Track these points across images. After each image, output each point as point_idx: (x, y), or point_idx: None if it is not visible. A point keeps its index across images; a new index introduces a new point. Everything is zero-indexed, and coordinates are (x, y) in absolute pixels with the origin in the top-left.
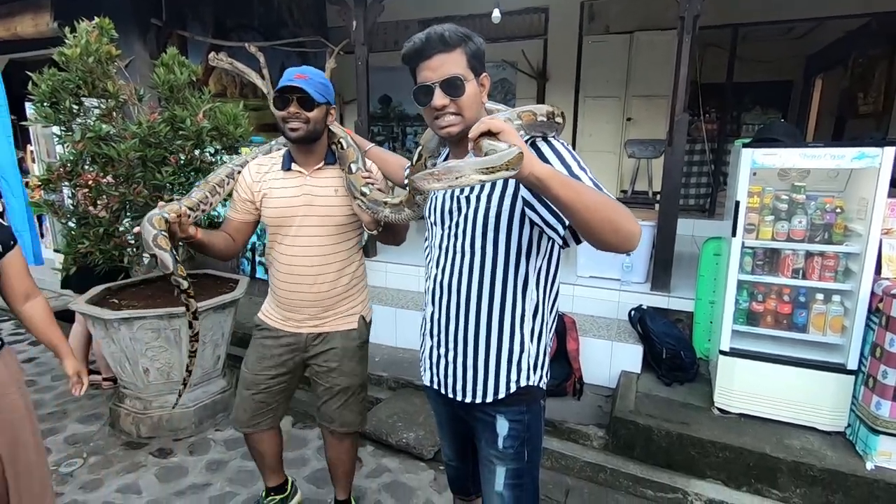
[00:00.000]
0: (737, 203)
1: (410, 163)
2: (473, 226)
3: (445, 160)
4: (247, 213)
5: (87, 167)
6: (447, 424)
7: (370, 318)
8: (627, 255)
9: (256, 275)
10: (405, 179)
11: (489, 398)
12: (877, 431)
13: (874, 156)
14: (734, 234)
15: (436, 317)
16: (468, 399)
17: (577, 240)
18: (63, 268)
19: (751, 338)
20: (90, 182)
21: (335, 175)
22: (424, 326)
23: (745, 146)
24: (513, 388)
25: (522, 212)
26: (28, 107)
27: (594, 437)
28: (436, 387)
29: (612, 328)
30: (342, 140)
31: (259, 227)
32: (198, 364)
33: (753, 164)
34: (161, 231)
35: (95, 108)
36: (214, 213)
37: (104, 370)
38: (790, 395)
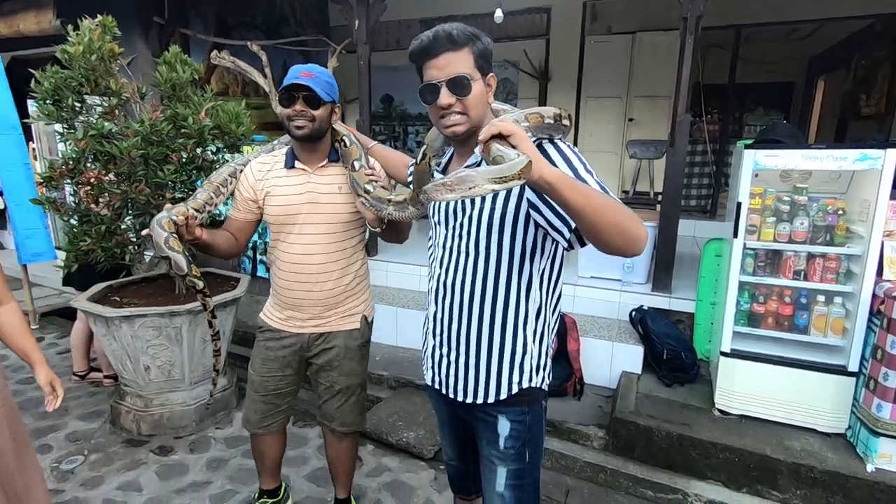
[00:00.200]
0: (738, 204)
1: (414, 161)
2: (478, 226)
3: (449, 160)
4: (249, 213)
5: (90, 165)
6: (448, 424)
7: (372, 318)
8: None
9: (257, 273)
10: (408, 177)
11: (491, 399)
12: (877, 433)
13: (876, 158)
14: (736, 236)
15: (439, 316)
16: (469, 399)
17: (583, 243)
18: (65, 265)
19: (752, 339)
20: (92, 180)
21: (339, 172)
22: (427, 326)
23: (748, 147)
24: (515, 390)
25: (527, 214)
26: (30, 104)
27: (594, 438)
28: (437, 387)
29: (613, 329)
30: (345, 137)
31: (260, 226)
32: (199, 362)
33: (755, 166)
34: (171, 233)
35: (98, 106)
36: (217, 213)
37: (105, 368)
38: (791, 397)
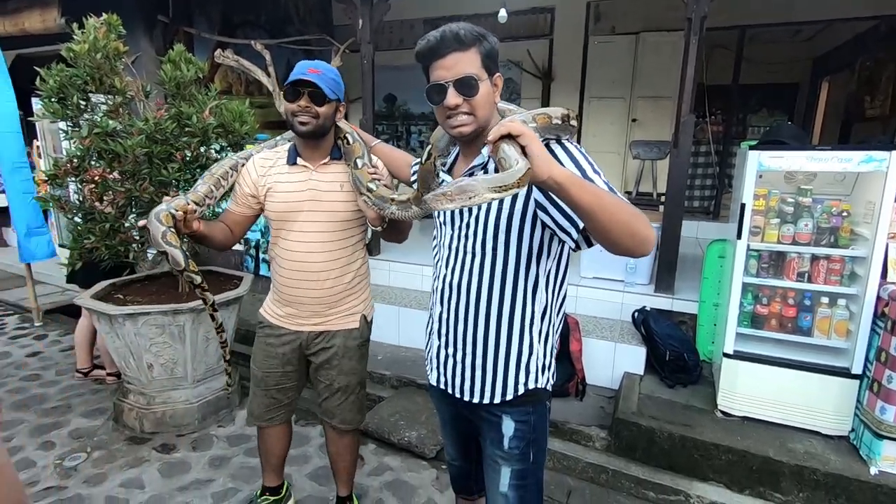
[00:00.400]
0: (742, 205)
1: (419, 161)
2: (485, 227)
3: (455, 160)
4: (247, 208)
5: (94, 163)
6: (451, 423)
7: (371, 317)
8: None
9: (260, 272)
10: (412, 176)
11: (497, 399)
12: (881, 436)
13: (882, 160)
14: (739, 237)
15: (444, 317)
16: (475, 399)
17: (590, 243)
18: (69, 263)
19: (755, 341)
20: (97, 178)
21: (340, 170)
22: (431, 326)
23: (752, 148)
24: (521, 391)
25: (534, 214)
26: (35, 102)
27: (596, 439)
28: (442, 387)
29: (616, 329)
30: (348, 135)
31: (263, 224)
32: (202, 360)
33: (760, 167)
34: (169, 228)
35: (102, 104)
36: (219, 211)
37: (108, 365)
38: (794, 399)
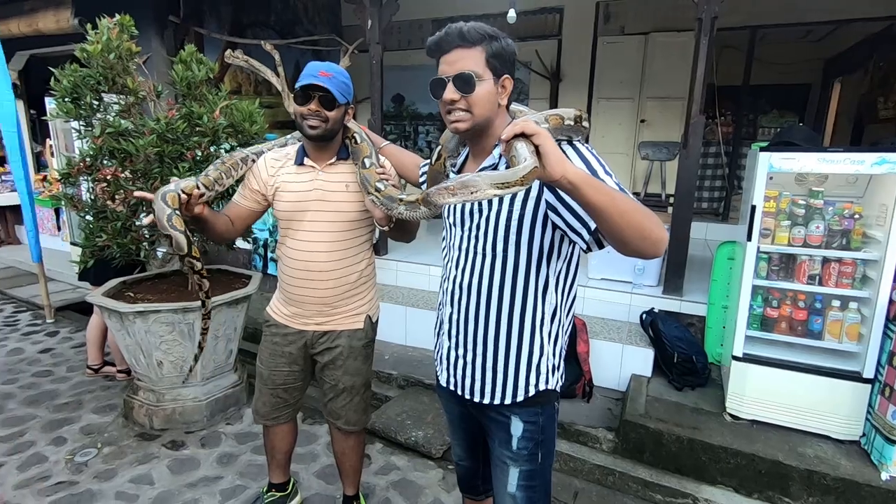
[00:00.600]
0: (753, 207)
1: (428, 161)
2: (495, 228)
3: (465, 161)
4: (254, 202)
5: (106, 162)
6: (459, 423)
7: (377, 318)
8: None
9: (268, 271)
10: (420, 177)
11: (507, 400)
12: (893, 441)
13: (895, 161)
14: (749, 239)
15: (454, 318)
16: (486, 400)
17: (601, 245)
18: (81, 261)
19: (764, 343)
20: (109, 177)
21: (347, 170)
22: (441, 327)
23: (763, 150)
24: (531, 392)
25: (545, 215)
26: (48, 101)
27: (603, 440)
28: (452, 387)
29: (623, 331)
30: (356, 135)
31: (271, 223)
32: (210, 358)
33: (770, 168)
34: (175, 210)
35: (115, 104)
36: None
37: (119, 362)
38: (804, 403)
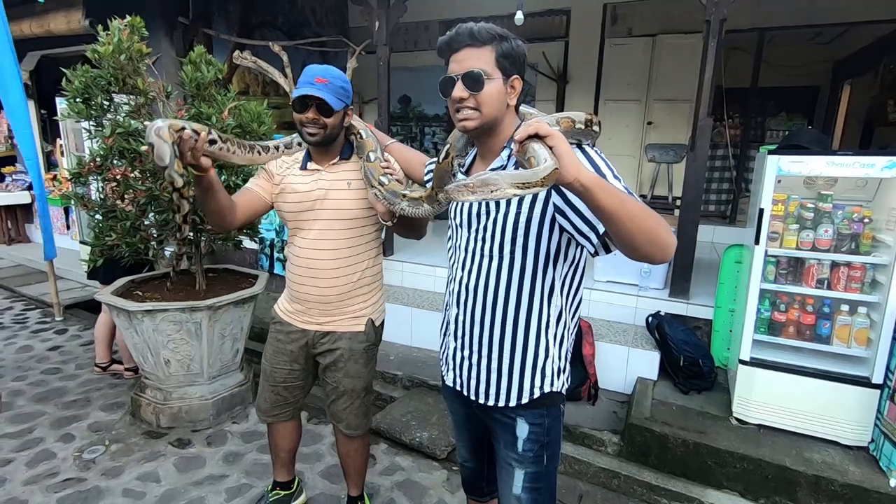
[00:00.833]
0: (761, 210)
1: (435, 160)
2: (503, 230)
3: (473, 160)
4: (263, 192)
5: (116, 162)
6: (464, 425)
7: (381, 321)
8: None
9: (275, 270)
10: (426, 176)
11: (513, 402)
12: None
13: None
14: (757, 242)
15: (460, 319)
16: (491, 402)
17: (608, 249)
18: (90, 259)
19: (772, 348)
20: (118, 176)
21: (350, 169)
22: (447, 328)
23: (771, 153)
24: (536, 394)
25: (553, 218)
26: (59, 101)
27: (608, 443)
28: (458, 388)
29: (629, 334)
30: (361, 131)
31: (278, 223)
32: (217, 357)
33: (779, 172)
34: (171, 127)
35: (125, 105)
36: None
37: (126, 360)
38: (811, 408)
